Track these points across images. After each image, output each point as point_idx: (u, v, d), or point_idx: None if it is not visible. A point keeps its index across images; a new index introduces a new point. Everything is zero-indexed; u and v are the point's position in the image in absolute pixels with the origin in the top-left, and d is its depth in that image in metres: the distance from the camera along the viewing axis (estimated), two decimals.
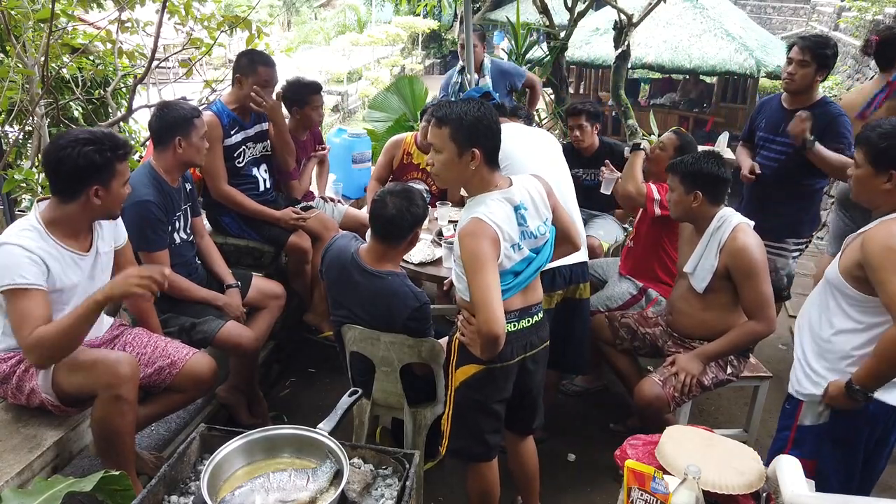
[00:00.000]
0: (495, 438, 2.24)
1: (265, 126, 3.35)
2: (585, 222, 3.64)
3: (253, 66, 3.13)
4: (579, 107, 3.82)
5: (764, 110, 3.41)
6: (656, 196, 3.01)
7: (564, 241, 2.26)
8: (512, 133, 2.83)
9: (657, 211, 3.00)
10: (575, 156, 3.84)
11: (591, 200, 3.86)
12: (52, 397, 2.15)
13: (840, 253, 2.10)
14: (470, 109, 1.96)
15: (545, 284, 2.37)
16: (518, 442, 2.41)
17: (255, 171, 3.35)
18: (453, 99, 4.57)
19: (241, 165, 3.27)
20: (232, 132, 3.20)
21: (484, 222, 1.92)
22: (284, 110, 3.56)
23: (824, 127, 3.09)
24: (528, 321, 2.13)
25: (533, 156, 2.74)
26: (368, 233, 2.50)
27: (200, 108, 3.02)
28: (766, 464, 1.72)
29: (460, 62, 4.82)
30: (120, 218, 2.35)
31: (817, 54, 3.06)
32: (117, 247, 2.37)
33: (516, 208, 2.02)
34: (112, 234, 2.33)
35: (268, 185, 3.43)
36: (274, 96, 3.26)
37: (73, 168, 2.04)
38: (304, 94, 3.50)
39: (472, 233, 1.93)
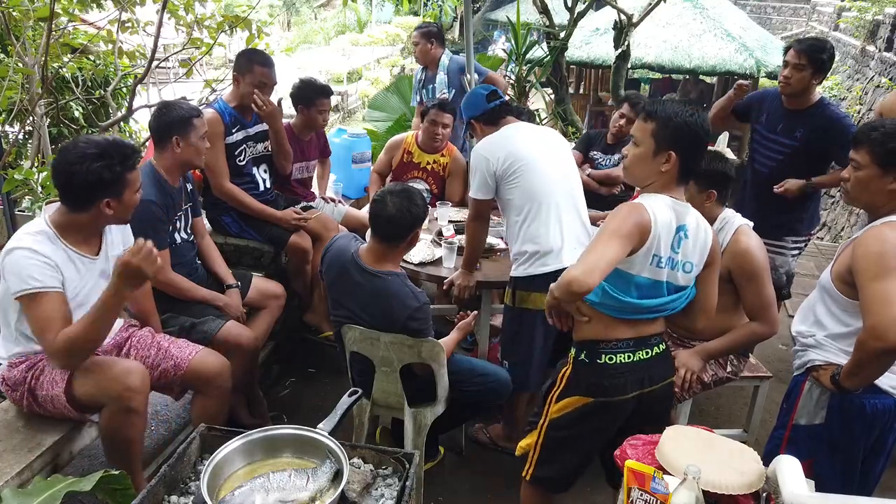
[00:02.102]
0: (577, 477, 2.17)
1: (266, 126, 3.35)
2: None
3: (250, 64, 3.14)
4: (644, 104, 3.84)
5: (766, 104, 3.40)
6: None
7: (694, 311, 2.07)
8: (521, 131, 2.83)
9: None
10: (597, 140, 4.04)
11: (600, 200, 3.88)
12: (65, 403, 2.14)
13: (834, 258, 2.10)
14: (682, 112, 1.86)
15: (549, 284, 2.35)
16: None
17: (255, 170, 3.36)
18: (421, 96, 4.63)
19: (241, 164, 3.28)
20: (234, 130, 3.20)
21: (645, 209, 1.84)
22: (291, 108, 3.57)
23: (826, 130, 3.11)
24: (647, 353, 1.97)
25: (543, 154, 2.74)
26: (368, 233, 2.50)
27: (202, 106, 3.02)
28: (764, 464, 1.72)
29: None
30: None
31: (813, 58, 3.07)
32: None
33: (678, 227, 1.90)
34: (122, 237, 2.32)
35: (267, 185, 3.44)
36: (275, 100, 3.26)
37: (83, 183, 2.01)
38: (311, 95, 3.51)
39: (629, 208, 1.85)
